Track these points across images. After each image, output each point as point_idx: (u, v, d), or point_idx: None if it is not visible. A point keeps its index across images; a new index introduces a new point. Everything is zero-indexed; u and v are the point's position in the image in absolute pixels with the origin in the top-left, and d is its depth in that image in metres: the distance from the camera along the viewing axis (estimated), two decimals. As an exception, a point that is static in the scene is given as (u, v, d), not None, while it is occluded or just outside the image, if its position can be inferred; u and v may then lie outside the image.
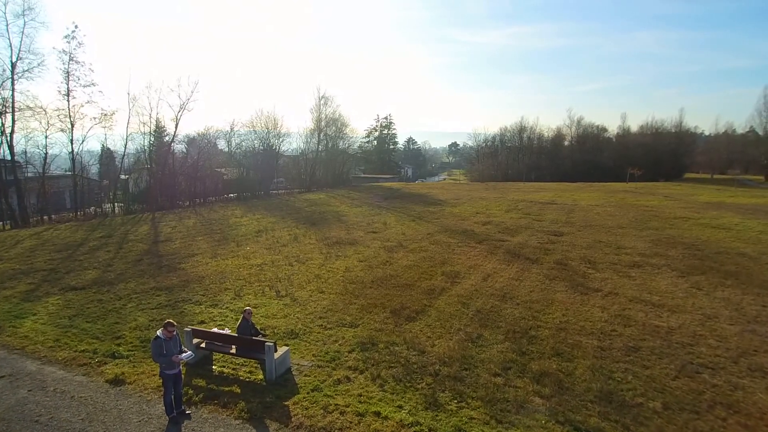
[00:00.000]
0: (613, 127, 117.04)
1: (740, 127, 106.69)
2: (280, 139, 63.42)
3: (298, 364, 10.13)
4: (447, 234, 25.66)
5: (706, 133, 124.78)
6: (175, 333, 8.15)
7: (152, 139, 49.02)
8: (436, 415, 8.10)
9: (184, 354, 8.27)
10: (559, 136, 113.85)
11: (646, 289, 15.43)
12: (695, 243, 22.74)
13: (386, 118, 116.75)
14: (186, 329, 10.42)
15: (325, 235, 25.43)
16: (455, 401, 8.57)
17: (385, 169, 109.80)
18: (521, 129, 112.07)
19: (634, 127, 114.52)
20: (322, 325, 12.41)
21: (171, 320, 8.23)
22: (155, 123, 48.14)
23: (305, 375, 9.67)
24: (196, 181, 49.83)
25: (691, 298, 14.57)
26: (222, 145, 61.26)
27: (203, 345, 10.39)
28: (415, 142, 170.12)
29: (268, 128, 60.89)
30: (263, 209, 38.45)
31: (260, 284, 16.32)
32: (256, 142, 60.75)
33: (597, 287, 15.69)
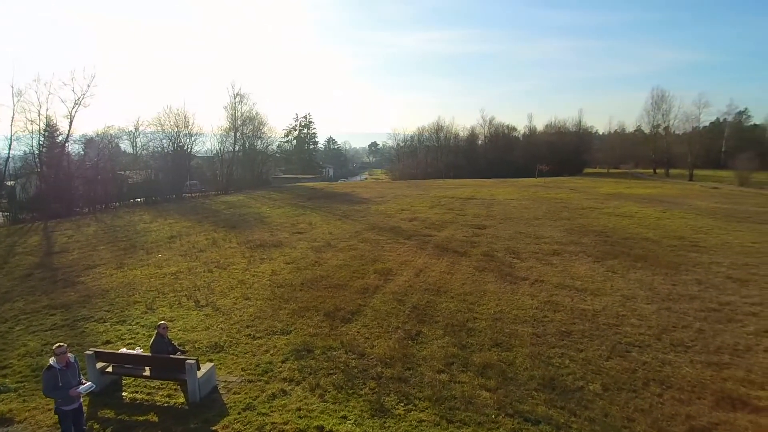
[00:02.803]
0: (521, 127, 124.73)
1: (631, 126, 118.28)
2: (192, 139, 59.13)
3: (225, 381, 9.07)
4: (375, 232, 25.30)
5: (601, 132, 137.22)
6: (71, 358, 6.80)
7: (42, 139, 43.23)
8: (384, 422, 7.55)
9: (82, 386, 6.86)
10: (473, 136, 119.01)
11: (569, 275, 16.13)
12: (604, 230, 24.47)
13: (305, 117, 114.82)
14: (87, 352, 8.89)
15: (247, 238, 23.91)
16: (402, 404, 8.08)
17: (306, 169, 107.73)
18: (438, 128, 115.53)
19: (540, 127, 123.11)
20: (250, 335, 11.35)
21: (60, 343, 6.87)
22: (45, 121, 42.52)
23: (234, 393, 8.65)
24: (96, 185, 44.89)
25: (609, 281, 15.43)
26: (126, 145, 56.08)
27: (109, 369, 8.94)
28: (336, 141, 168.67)
29: (177, 127, 56.62)
30: (176, 213, 35.53)
31: (176, 294, 14.74)
32: (165, 141, 56.30)
33: (524, 276, 16.12)
